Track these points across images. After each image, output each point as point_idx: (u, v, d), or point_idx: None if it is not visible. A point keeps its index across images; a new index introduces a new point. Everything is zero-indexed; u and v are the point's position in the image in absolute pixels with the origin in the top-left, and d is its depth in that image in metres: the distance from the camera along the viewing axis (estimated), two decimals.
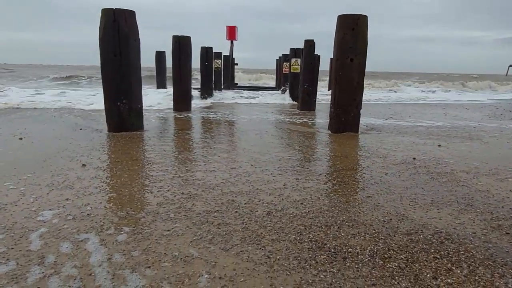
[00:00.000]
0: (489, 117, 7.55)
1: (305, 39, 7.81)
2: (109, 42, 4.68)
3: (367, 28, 4.95)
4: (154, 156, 3.47)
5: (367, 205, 2.29)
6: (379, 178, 2.86)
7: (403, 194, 2.51)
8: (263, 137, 4.63)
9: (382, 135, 4.98)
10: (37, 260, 1.55)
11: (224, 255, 1.63)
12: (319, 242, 1.77)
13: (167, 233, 1.82)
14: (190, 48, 7.66)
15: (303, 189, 2.57)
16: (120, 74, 4.77)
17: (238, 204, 2.24)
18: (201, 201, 2.29)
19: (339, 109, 5.12)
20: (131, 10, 4.77)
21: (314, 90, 8.11)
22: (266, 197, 2.38)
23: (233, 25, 14.32)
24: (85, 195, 2.35)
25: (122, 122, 4.86)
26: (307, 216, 2.08)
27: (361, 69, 5.01)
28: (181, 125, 5.72)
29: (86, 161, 3.20)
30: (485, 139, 4.79)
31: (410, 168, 3.18)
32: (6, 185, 2.52)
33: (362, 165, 3.31)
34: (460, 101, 12.39)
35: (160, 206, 2.19)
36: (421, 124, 6.22)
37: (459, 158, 3.61)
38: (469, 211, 2.22)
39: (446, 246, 1.75)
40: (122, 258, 1.57)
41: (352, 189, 2.60)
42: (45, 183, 2.58)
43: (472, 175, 3.02)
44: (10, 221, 1.94)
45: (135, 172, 2.92)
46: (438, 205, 2.32)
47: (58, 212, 2.06)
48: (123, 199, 2.31)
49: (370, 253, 1.67)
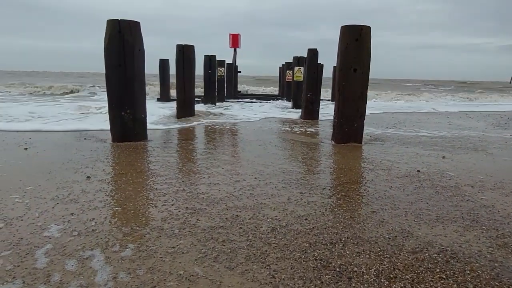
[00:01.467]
0: (493, 126, 7.52)
1: (308, 47, 7.85)
2: (113, 53, 4.73)
3: (370, 39, 4.97)
4: (158, 168, 3.48)
5: (371, 221, 2.28)
6: (384, 192, 2.85)
7: (408, 209, 2.50)
8: (267, 148, 4.64)
9: (386, 145, 4.97)
10: (43, 278, 1.55)
11: (229, 274, 1.63)
12: (324, 260, 1.76)
13: (172, 251, 1.82)
14: (194, 57, 7.73)
15: (307, 203, 2.56)
16: (124, 84, 4.81)
17: (242, 220, 2.24)
18: (206, 216, 2.29)
19: (342, 119, 5.13)
20: (136, 21, 4.82)
21: (317, 99, 8.12)
22: (270, 212, 2.38)
23: (236, 33, 14.43)
24: (90, 209, 2.36)
25: (126, 132, 4.89)
26: (312, 233, 2.08)
27: (364, 79, 5.02)
28: (185, 134, 5.74)
29: (91, 173, 3.21)
30: (490, 150, 4.77)
31: (415, 182, 3.17)
32: (11, 198, 2.54)
33: (366, 178, 3.30)
34: (463, 110, 12.36)
35: (165, 221, 2.19)
36: (425, 134, 6.21)
37: (464, 171, 3.60)
38: (475, 228, 2.21)
39: (452, 266, 1.74)
40: (128, 277, 1.57)
41: (357, 204, 2.59)
42: (50, 196, 2.60)
43: (477, 189, 3.01)
44: (17, 237, 1.95)
45: (140, 185, 2.93)
46: (443, 221, 2.31)
47: (63, 227, 2.07)
48: (128, 213, 2.31)
49: (375, 273, 1.66)
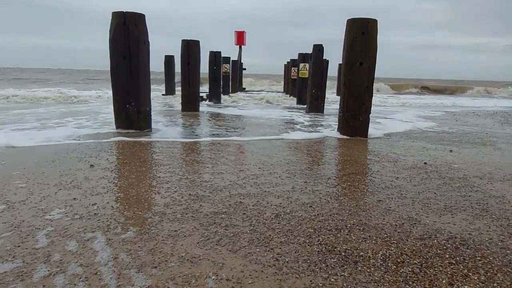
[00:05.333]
0: (501, 123, 7.41)
1: (314, 43, 7.79)
2: (118, 45, 4.72)
3: (376, 32, 4.91)
4: (162, 157, 3.46)
5: (378, 209, 2.23)
6: (390, 183, 2.80)
7: (415, 198, 2.44)
8: (271, 141, 4.60)
9: (392, 140, 4.91)
10: (43, 258, 1.53)
11: (231, 256, 1.59)
12: (329, 245, 1.72)
13: (174, 234, 1.79)
14: (199, 52, 7.71)
15: (312, 192, 2.52)
16: (129, 77, 4.80)
17: (246, 206, 2.20)
18: (209, 202, 2.25)
19: (348, 113, 5.07)
20: (141, 14, 4.81)
21: (322, 95, 8.07)
22: (274, 200, 2.34)
23: (242, 30, 14.42)
24: (92, 195, 2.34)
25: (130, 124, 4.88)
26: (316, 219, 2.03)
27: (370, 73, 4.96)
28: (189, 127, 5.71)
29: (95, 162, 3.20)
30: (498, 145, 4.69)
31: (422, 173, 3.11)
32: (15, 183, 2.53)
33: (372, 169, 3.25)
34: (470, 107, 12.22)
35: (167, 207, 2.16)
36: (431, 130, 6.12)
37: (472, 164, 3.53)
38: (484, 217, 2.15)
39: (462, 252, 1.69)
40: (128, 258, 1.54)
41: (362, 193, 2.54)
42: (53, 182, 2.58)
43: (486, 180, 2.94)
44: (18, 219, 1.93)
45: (142, 173, 2.91)
46: (451, 210, 2.25)
47: (65, 211, 2.05)
48: (130, 199, 2.29)
49: (382, 258, 1.61)
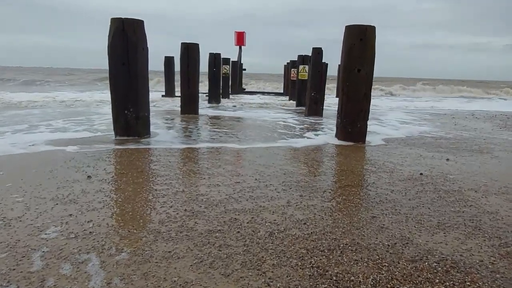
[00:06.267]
0: (499, 127, 7.41)
1: (313, 47, 7.78)
2: (117, 51, 4.72)
3: (375, 39, 4.91)
4: (159, 167, 3.47)
5: (371, 226, 2.25)
6: (385, 196, 2.81)
7: (409, 214, 2.46)
8: (269, 149, 4.61)
9: (390, 146, 4.92)
10: (38, 283, 1.55)
11: (224, 281, 1.61)
12: (321, 268, 1.74)
13: (168, 255, 1.81)
14: (198, 55, 7.72)
15: (307, 207, 2.54)
16: (127, 83, 4.80)
17: (240, 224, 2.22)
18: (204, 219, 2.27)
19: (346, 119, 5.09)
20: (140, 20, 4.81)
21: (321, 98, 8.07)
22: (269, 216, 2.36)
23: (242, 30, 14.38)
24: (88, 210, 2.36)
25: (129, 130, 4.89)
26: (310, 238, 2.05)
27: (368, 80, 4.97)
28: (188, 131, 5.72)
29: (92, 173, 3.21)
30: (495, 152, 4.69)
31: (417, 185, 3.12)
32: (12, 198, 2.55)
33: (367, 180, 3.26)
34: (469, 110, 12.22)
35: (162, 224, 2.18)
36: (429, 135, 6.13)
37: (468, 174, 3.54)
38: (477, 236, 2.16)
39: (452, 276, 1.71)
40: (122, 283, 1.56)
41: (357, 208, 2.56)
42: (50, 196, 2.60)
43: (480, 193, 2.96)
44: (14, 238, 1.95)
45: (139, 185, 2.93)
46: (444, 227, 2.27)
47: (61, 229, 2.07)
48: (126, 215, 2.31)
49: (372, 283, 1.63)
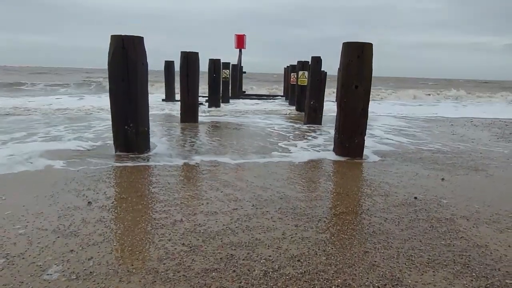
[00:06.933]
0: (497, 137, 7.47)
1: (312, 55, 7.82)
2: (117, 68, 4.77)
3: (372, 56, 4.96)
4: (158, 191, 3.54)
5: (363, 264, 2.32)
6: (378, 226, 2.88)
7: (401, 248, 2.53)
8: (267, 165, 4.68)
9: (386, 162, 4.97)
10: None
11: None
12: None
13: None
14: (198, 64, 7.77)
15: (301, 240, 2.61)
16: (127, 99, 4.86)
17: (236, 261, 2.29)
18: (201, 255, 2.34)
19: (343, 135, 5.15)
20: (140, 37, 4.85)
21: (320, 106, 8.12)
22: (264, 251, 2.43)
23: (242, 33, 14.38)
24: (89, 245, 2.43)
25: (129, 146, 4.96)
26: (303, 279, 2.12)
27: (366, 96, 5.02)
28: (187, 144, 5.78)
29: (92, 197, 3.29)
30: (491, 169, 4.75)
31: (411, 212, 3.19)
32: (15, 229, 2.62)
33: (362, 206, 3.33)
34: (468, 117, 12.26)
35: (161, 262, 2.25)
36: (427, 147, 6.19)
37: (462, 198, 3.61)
38: (465, 275, 2.23)
39: None
40: None
41: (350, 242, 2.63)
42: (52, 227, 2.67)
43: (472, 222, 3.02)
44: (17, 280, 2.02)
45: (139, 213, 3.00)
46: (434, 265, 2.34)
47: (62, 268, 2.14)
48: (125, 251, 2.38)
49: None
